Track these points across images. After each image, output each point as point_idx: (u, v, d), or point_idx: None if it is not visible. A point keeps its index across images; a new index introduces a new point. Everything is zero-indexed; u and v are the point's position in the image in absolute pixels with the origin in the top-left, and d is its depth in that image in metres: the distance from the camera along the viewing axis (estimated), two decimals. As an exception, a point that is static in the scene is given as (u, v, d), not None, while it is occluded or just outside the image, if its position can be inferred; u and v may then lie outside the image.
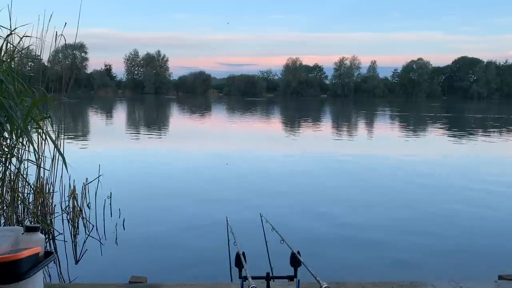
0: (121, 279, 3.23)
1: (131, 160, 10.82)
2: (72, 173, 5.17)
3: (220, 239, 3.73)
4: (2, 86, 4.21)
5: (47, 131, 4.88)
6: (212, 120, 29.43)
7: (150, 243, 4.94)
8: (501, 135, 20.30)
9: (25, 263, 1.95)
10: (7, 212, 4.76)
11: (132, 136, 17.25)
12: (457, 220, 6.08)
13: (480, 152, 14.37)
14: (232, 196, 7.21)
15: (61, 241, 4.85)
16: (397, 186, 8.33)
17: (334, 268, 4.25)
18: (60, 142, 5.48)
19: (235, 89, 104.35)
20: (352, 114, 39.54)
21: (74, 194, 5.41)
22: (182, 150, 13.25)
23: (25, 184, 5.07)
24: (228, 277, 3.52)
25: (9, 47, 4.75)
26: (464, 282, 3.23)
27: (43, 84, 5.38)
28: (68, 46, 6.68)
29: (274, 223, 2.97)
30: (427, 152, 13.68)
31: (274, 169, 9.90)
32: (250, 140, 16.66)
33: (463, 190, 8.05)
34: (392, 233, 5.45)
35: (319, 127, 24.23)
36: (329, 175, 9.41)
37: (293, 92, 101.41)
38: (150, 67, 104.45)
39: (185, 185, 7.99)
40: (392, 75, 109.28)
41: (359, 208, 6.64)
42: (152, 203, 6.61)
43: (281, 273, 2.44)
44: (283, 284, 2.97)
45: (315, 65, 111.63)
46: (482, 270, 4.29)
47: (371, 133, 20.93)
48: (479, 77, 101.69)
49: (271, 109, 45.30)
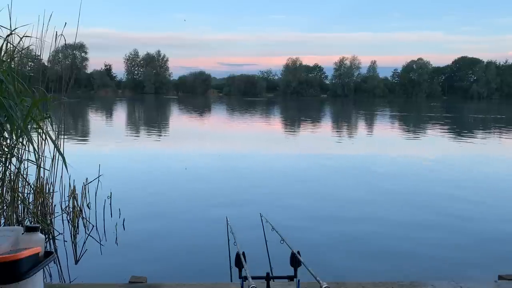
0: (121, 279, 3.23)
1: (131, 160, 10.82)
2: (72, 173, 5.17)
3: (220, 239, 3.73)
4: (2, 86, 4.21)
5: (47, 131, 4.88)
6: (212, 120, 29.43)
7: (150, 243, 4.94)
8: (501, 135, 20.29)
9: (25, 263, 1.95)
10: (7, 212, 4.77)
11: (132, 136, 17.26)
12: (457, 220, 6.07)
13: (481, 152, 14.37)
14: (232, 196, 7.21)
15: (61, 241, 4.85)
16: (397, 186, 8.32)
17: (334, 268, 4.24)
18: (60, 142, 5.48)
19: (235, 89, 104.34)
20: (352, 114, 39.54)
21: (74, 194, 5.41)
22: (182, 150, 13.25)
23: (25, 184, 5.07)
24: (228, 277, 3.52)
25: (9, 47, 4.75)
26: (464, 282, 3.23)
27: (43, 84, 5.38)
28: (68, 46, 6.69)
29: (274, 223, 2.96)
30: (428, 153, 13.68)
31: (274, 169, 9.90)
32: (250, 140, 16.66)
33: (463, 190, 8.05)
34: (392, 233, 5.45)
35: (319, 127, 24.23)
36: (330, 175, 9.41)
37: (293, 92, 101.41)
38: (150, 67, 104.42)
39: (185, 185, 7.99)
40: (392, 75, 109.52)
41: (359, 208, 6.64)
42: (152, 203, 6.61)
43: (281, 273, 2.44)
44: (283, 284, 2.97)
45: (315, 65, 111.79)
46: (482, 270, 4.29)
47: (371, 133, 20.94)
48: (479, 77, 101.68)
49: (271, 109, 45.29)
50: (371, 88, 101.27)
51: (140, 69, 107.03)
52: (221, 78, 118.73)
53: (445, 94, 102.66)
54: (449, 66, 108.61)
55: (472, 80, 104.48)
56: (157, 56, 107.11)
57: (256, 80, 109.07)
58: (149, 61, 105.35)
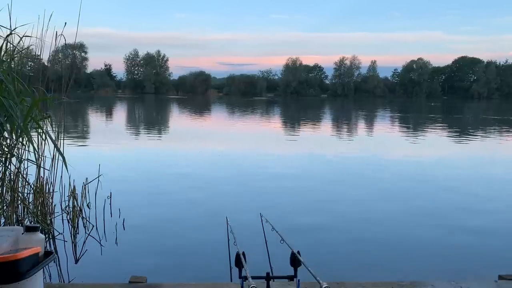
0: (121, 279, 3.23)
1: (131, 160, 10.82)
2: (72, 173, 5.16)
3: (220, 239, 3.72)
4: (2, 86, 4.20)
5: (47, 131, 4.87)
6: (212, 120, 29.42)
7: (150, 243, 4.94)
8: (501, 135, 20.29)
9: (25, 263, 1.95)
10: (7, 212, 4.76)
11: (132, 136, 17.26)
12: (457, 220, 6.08)
13: (481, 152, 14.38)
14: (232, 196, 7.21)
15: (61, 241, 4.85)
16: (397, 186, 8.33)
17: (334, 268, 4.25)
18: (60, 142, 5.47)
19: (235, 89, 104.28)
20: (352, 114, 39.53)
21: (74, 194, 5.41)
22: (182, 149, 13.25)
23: (25, 184, 5.07)
24: (228, 277, 3.51)
25: (9, 47, 4.75)
26: (464, 282, 3.23)
27: (43, 84, 5.38)
28: (68, 46, 6.69)
29: (274, 223, 2.96)
30: (428, 153, 13.68)
31: (274, 169, 9.89)
32: (250, 140, 16.65)
33: (463, 190, 8.05)
34: (392, 233, 5.45)
35: (319, 127, 24.23)
36: (330, 175, 9.41)
37: (293, 92, 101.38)
38: (150, 67, 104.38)
39: (185, 185, 7.98)
40: (392, 75, 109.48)
41: (359, 208, 6.64)
42: (152, 203, 6.61)
43: (281, 273, 2.44)
44: (283, 284, 2.97)
45: (315, 65, 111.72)
46: (482, 270, 4.29)
47: (371, 133, 20.93)
48: (479, 77, 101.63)
49: (271, 109, 45.28)
50: (371, 88, 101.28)
51: (140, 69, 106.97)
52: (221, 78, 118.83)
53: (445, 94, 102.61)
54: (449, 66, 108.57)
55: (472, 80, 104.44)
56: (157, 56, 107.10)
57: (256, 80, 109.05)
58: (149, 61, 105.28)
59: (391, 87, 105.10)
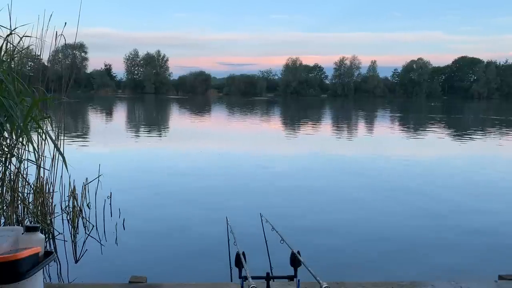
0: (121, 279, 3.23)
1: (131, 160, 10.82)
2: (72, 173, 5.16)
3: (220, 239, 3.73)
4: (2, 86, 4.20)
5: (47, 131, 4.87)
6: (212, 120, 29.42)
7: (150, 243, 4.94)
8: (502, 135, 20.28)
9: (25, 263, 1.95)
10: (7, 212, 4.76)
11: (132, 135, 17.25)
12: (457, 220, 6.08)
13: (481, 152, 14.38)
14: (232, 195, 7.21)
15: (61, 241, 4.85)
16: (397, 186, 8.32)
17: (334, 268, 4.24)
18: (60, 142, 5.47)
19: (235, 89, 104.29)
20: (352, 114, 39.53)
21: (74, 194, 5.41)
22: (182, 149, 13.25)
23: (25, 184, 5.06)
24: (228, 277, 3.52)
25: (9, 47, 4.74)
26: (464, 282, 3.23)
27: (43, 84, 5.37)
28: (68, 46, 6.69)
29: (274, 223, 2.96)
30: (428, 153, 13.69)
31: (274, 169, 9.90)
32: (250, 139, 16.66)
33: (463, 190, 8.06)
34: (392, 233, 5.45)
35: (319, 127, 24.22)
36: (330, 175, 9.42)
37: (293, 92, 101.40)
38: (150, 67, 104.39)
39: (185, 185, 7.98)
40: (392, 75, 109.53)
41: (359, 208, 6.64)
42: (152, 203, 6.61)
43: (281, 273, 2.44)
44: (283, 284, 2.97)
45: (315, 65, 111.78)
46: (482, 270, 4.29)
47: (371, 133, 20.94)
48: (479, 77, 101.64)
49: (271, 109, 45.28)
50: (371, 88, 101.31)
51: (140, 69, 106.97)
52: (221, 78, 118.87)
53: (445, 94, 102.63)
54: (449, 66, 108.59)
55: (472, 80, 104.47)
56: (157, 56, 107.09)
57: (256, 80, 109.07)
58: (149, 61, 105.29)
59: (391, 87, 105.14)
